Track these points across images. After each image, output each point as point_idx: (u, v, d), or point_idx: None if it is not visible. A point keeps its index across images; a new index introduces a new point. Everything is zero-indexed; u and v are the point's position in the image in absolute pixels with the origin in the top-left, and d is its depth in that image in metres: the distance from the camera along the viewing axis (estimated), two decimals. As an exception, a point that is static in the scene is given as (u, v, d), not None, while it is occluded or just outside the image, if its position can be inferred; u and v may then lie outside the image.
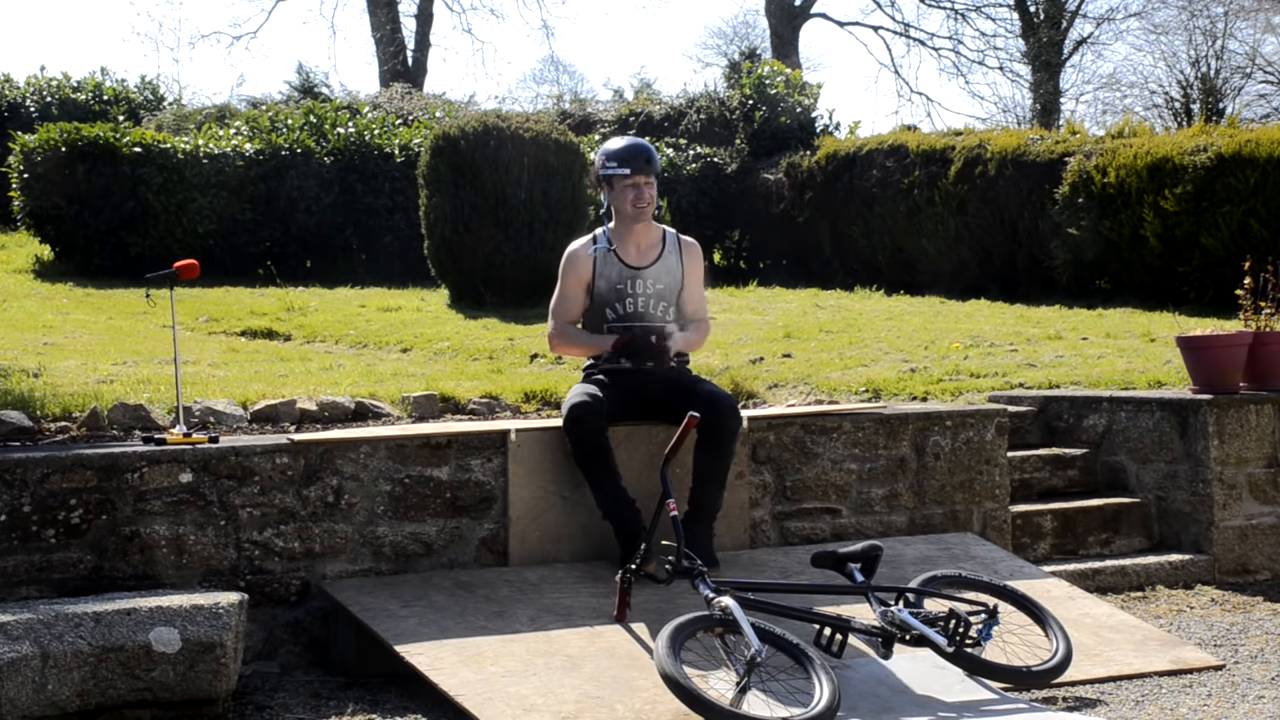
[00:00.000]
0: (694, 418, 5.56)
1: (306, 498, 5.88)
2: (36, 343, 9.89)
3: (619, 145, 6.21)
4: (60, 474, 5.55)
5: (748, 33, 39.60)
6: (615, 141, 6.26)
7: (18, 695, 4.72)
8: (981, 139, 15.86)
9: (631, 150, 6.17)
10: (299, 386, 7.76)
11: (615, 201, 6.21)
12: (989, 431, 7.09)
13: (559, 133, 13.57)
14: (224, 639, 5.00)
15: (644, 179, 6.13)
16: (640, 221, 6.21)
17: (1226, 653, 5.93)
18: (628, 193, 6.15)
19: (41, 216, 15.43)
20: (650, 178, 6.16)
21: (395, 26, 32.60)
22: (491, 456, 6.17)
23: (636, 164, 6.12)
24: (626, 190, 6.14)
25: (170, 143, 15.77)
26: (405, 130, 17.33)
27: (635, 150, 6.17)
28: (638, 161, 6.13)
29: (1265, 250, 11.81)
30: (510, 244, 12.87)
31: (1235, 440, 7.34)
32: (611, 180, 6.16)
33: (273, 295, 13.53)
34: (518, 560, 6.15)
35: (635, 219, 6.19)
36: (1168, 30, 33.36)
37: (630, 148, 6.18)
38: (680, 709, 4.95)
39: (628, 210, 6.17)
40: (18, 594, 5.44)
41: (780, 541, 6.62)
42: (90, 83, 22.07)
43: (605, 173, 6.16)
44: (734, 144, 19.05)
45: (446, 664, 5.16)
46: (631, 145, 6.20)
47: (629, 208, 6.16)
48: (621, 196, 6.17)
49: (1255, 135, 13.26)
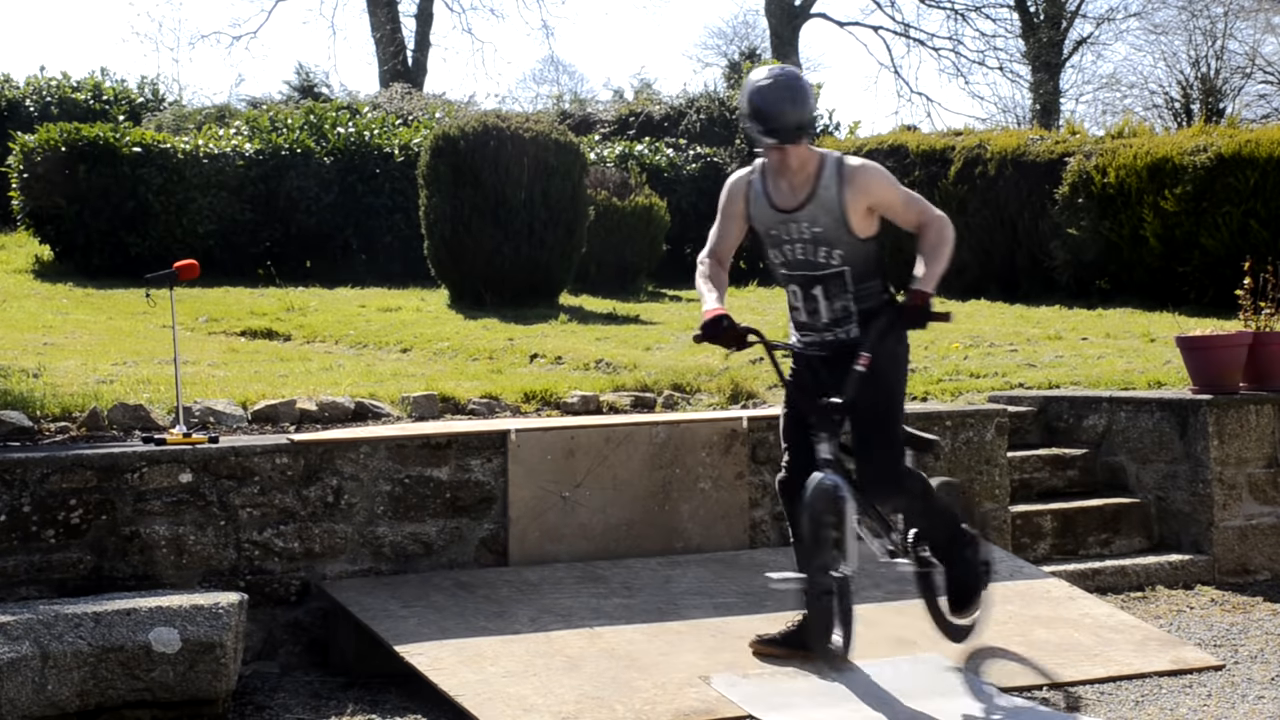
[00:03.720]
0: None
1: (306, 498, 5.87)
2: (36, 343, 9.88)
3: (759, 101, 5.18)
4: (60, 474, 5.55)
5: (748, 33, 39.59)
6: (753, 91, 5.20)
7: (18, 695, 4.72)
8: (981, 139, 15.86)
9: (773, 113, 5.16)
10: (299, 387, 7.76)
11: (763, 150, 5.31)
12: (989, 432, 7.09)
13: (559, 133, 13.56)
14: (224, 639, 5.00)
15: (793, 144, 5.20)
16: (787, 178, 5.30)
17: (1226, 653, 5.93)
18: (772, 154, 5.28)
19: (41, 216, 15.42)
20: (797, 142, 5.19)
21: (395, 26, 32.59)
22: (491, 456, 6.17)
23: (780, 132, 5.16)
24: (770, 151, 5.27)
25: (170, 143, 15.76)
26: (405, 130, 17.32)
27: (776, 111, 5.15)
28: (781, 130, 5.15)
29: (1265, 250, 11.81)
30: (510, 244, 12.85)
31: (1235, 440, 7.34)
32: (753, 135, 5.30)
33: (273, 295, 13.53)
34: (517, 560, 6.15)
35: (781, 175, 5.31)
36: (1168, 30, 33.39)
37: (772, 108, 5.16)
38: (679, 709, 4.96)
39: (773, 166, 5.32)
40: (17, 594, 5.44)
41: (780, 542, 6.62)
42: (90, 83, 22.05)
43: (749, 129, 5.30)
44: (734, 144, 19.04)
45: (446, 664, 5.16)
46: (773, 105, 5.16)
47: (775, 165, 5.30)
48: (768, 153, 5.30)
49: (1255, 135, 13.26)
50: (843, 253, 5.28)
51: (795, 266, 5.36)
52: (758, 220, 5.41)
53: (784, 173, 5.29)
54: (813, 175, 5.26)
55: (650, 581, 6.09)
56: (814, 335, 5.38)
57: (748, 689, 5.15)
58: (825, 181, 5.25)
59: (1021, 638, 5.80)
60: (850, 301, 5.31)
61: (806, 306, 5.37)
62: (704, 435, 6.55)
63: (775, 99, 5.16)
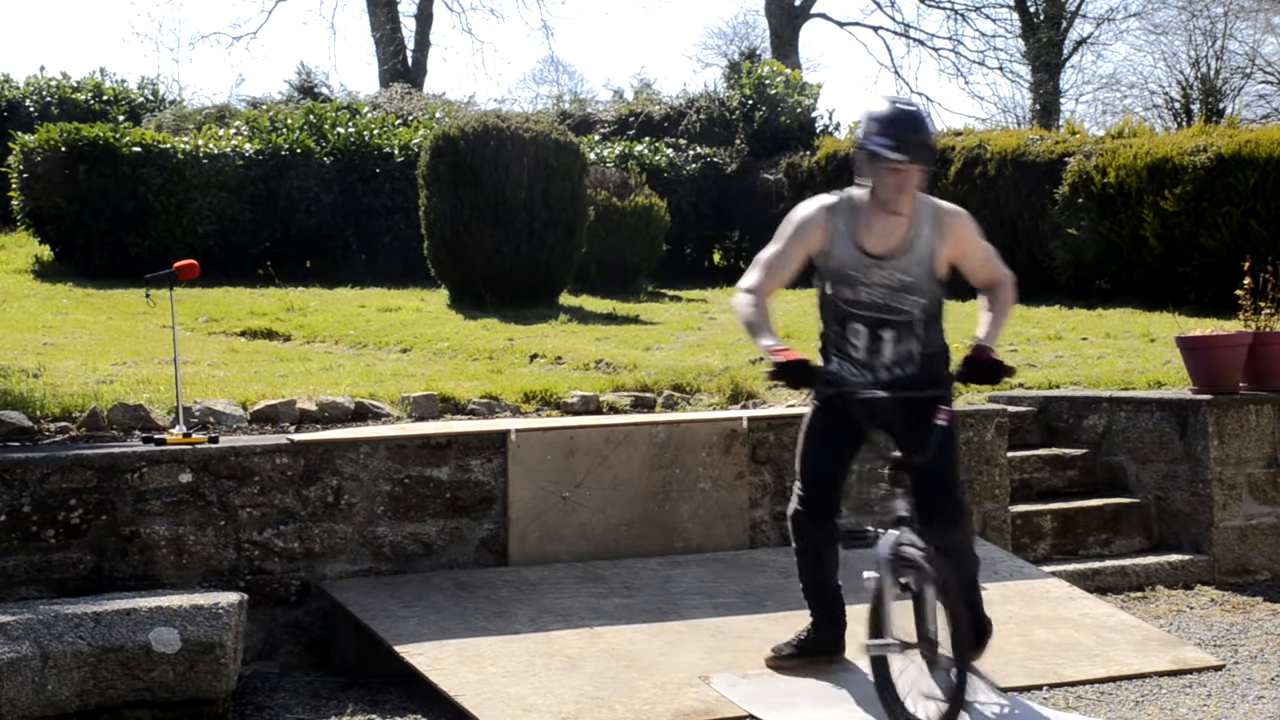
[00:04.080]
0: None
1: (306, 498, 5.87)
2: (36, 343, 9.88)
3: (893, 116, 4.89)
4: (60, 474, 5.55)
5: (748, 33, 39.57)
6: (888, 108, 4.92)
7: (18, 695, 4.71)
8: (981, 139, 15.86)
9: (911, 131, 4.87)
10: (299, 387, 7.76)
11: (871, 178, 4.97)
12: (989, 431, 7.09)
13: (559, 133, 13.56)
14: (224, 639, 5.00)
15: (918, 167, 4.90)
16: (894, 211, 4.98)
17: (1226, 653, 5.93)
18: (888, 177, 4.90)
19: (41, 216, 15.41)
20: (923, 166, 4.93)
21: (395, 26, 32.58)
22: (491, 456, 6.17)
23: (913, 148, 4.86)
24: (888, 174, 4.90)
25: (170, 143, 15.76)
26: (405, 130, 17.32)
27: (913, 128, 4.88)
28: (914, 146, 4.86)
29: (1265, 250, 11.81)
30: (510, 244, 12.85)
31: (1235, 440, 7.33)
32: (875, 156, 4.90)
33: (272, 295, 13.52)
34: (517, 560, 6.15)
35: (887, 206, 4.97)
36: (1168, 30, 33.38)
37: (908, 124, 4.87)
38: (679, 709, 4.96)
39: (884, 196, 4.95)
40: (18, 594, 5.44)
41: (780, 542, 6.62)
42: (90, 83, 22.05)
43: (871, 147, 4.89)
44: (734, 144, 19.05)
45: (446, 664, 5.16)
46: (909, 122, 4.88)
47: (887, 194, 4.94)
48: (881, 178, 4.92)
49: (1255, 135, 13.26)
50: (925, 301, 5.06)
51: (866, 308, 5.05)
52: (835, 259, 5.04)
53: (885, 206, 4.93)
54: (909, 218, 4.97)
55: (650, 581, 6.09)
56: (867, 373, 5.09)
57: (748, 689, 5.15)
58: (920, 228, 5.00)
59: (1021, 638, 5.80)
60: (915, 345, 5.09)
61: (869, 346, 5.08)
62: (704, 435, 6.55)
63: (913, 115, 4.89)
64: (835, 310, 5.13)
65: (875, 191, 4.96)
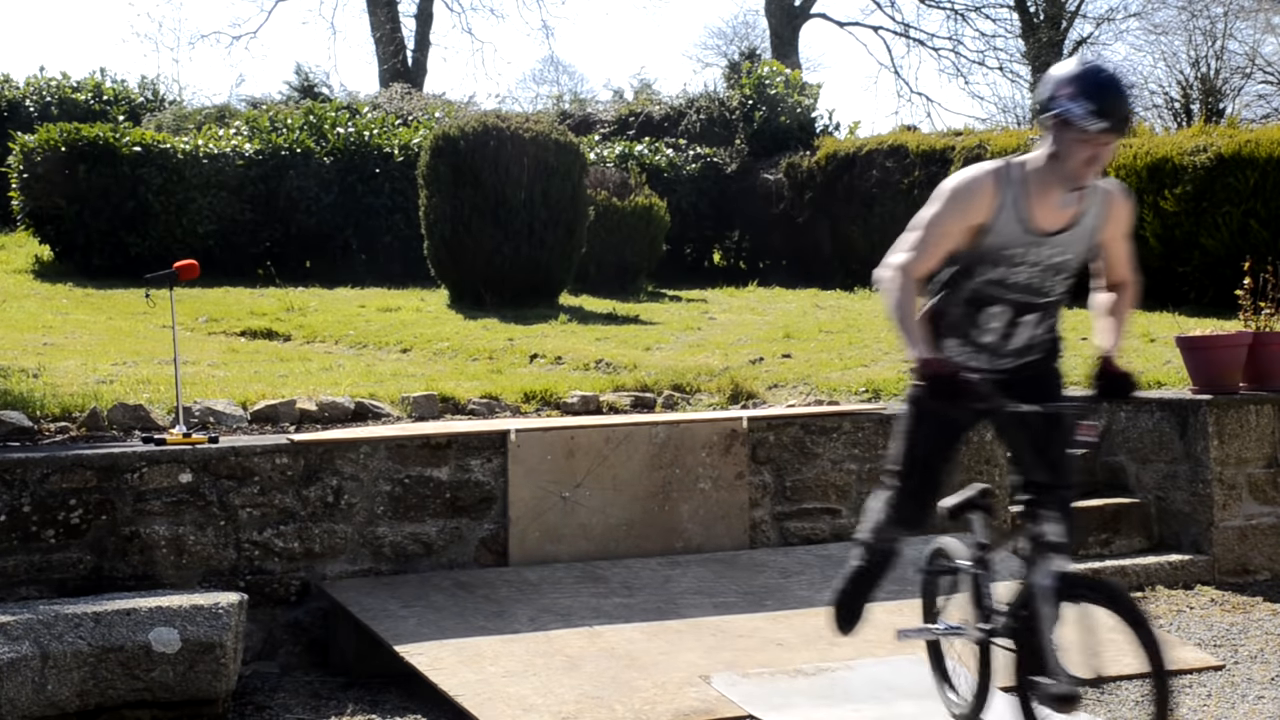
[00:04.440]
0: None
1: (306, 498, 5.87)
2: (36, 343, 9.88)
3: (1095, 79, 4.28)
4: (60, 474, 5.55)
5: (748, 33, 39.58)
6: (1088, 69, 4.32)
7: (18, 695, 4.71)
8: (981, 139, 15.86)
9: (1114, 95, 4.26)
10: (299, 387, 7.76)
11: (1059, 147, 4.32)
12: (989, 432, 7.08)
13: (559, 133, 13.56)
14: (224, 639, 5.00)
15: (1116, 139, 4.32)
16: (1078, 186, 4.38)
17: (1226, 653, 5.93)
18: (1081, 149, 4.26)
19: (41, 216, 15.42)
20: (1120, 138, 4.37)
21: (395, 26, 32.59)
22: (491, 456, 6.17)
23: (1115, 119, 4.25)
24: (1080, 146, 4.26)
25: (170, 143, 15.76)
26: (405, 130, 17.32)
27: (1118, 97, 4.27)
28: (1118, 116, 4.25)
29: (1265, 250, 11.81)
30: (510, 244, 12.86)
31: (1235, 440, 7.34)
32: (1067, 123, 4.26)
33: (272, 295, 13.53)
34: (517, 560, 6.15)
35: (1075, 181, 4.35)
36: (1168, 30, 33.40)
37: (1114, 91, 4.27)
38: (679, 709, 4.96)
39: (1071, 169, 4.31)
40: (18, 594, 5.44)
41: (780, 542, 6.62)
42: (90, 83, 22.06)
43: (1064, 111, 4.25)
44: (734, 144, 19.05)
45: (446, 664, 5.16)
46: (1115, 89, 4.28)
47: (1076, 167, 4.30)
48: (1070, 148, 4.28)
49: (1255, 135, 13.26)
50: (1071, 282, 4.57)
51: (1011, 290, 4.51)
52: (995, 235, 4.43)
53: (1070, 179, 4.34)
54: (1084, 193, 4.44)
55: (650, 581, 6.09)
56: (986, 358, 4.59)
57: (748, 688, 5.15)
58: (1090, 204, 4.47)
59: (1021, 638, 5.79)
60: (1044, 331, 4.67)
61: (1003, 331, 4.57)
62: (704, 435, 6.55)
63: (1117, 80, 4.29)
64: (969, 291, 4.53)
65: (1058, 161, 4.33)
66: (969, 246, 4.47)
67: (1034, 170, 4.41)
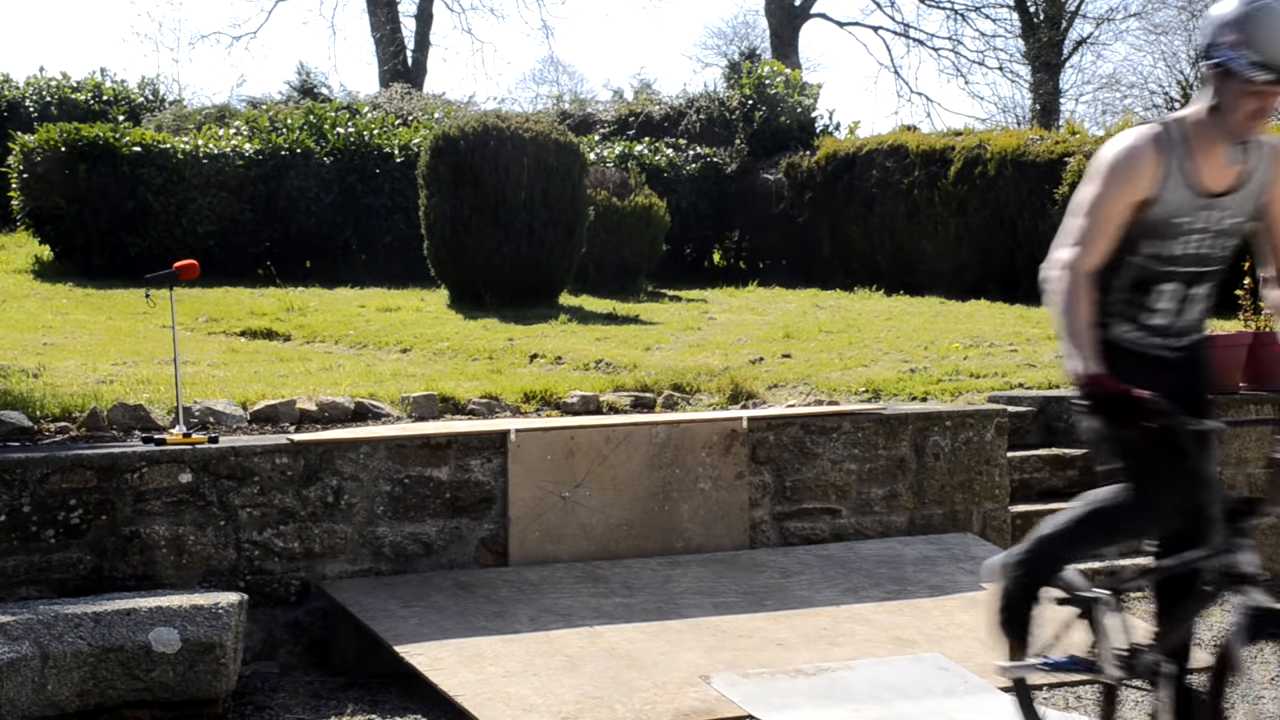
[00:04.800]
0: None
1: (306, 498, 5.87)
2: (36, 343, 9.88)
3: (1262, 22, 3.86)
4: (60, 474, 5.55)
5: (748, 33, 39.58)
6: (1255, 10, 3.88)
7: (17, 695, 4.71)
8: (981, 139, 15.87)
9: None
10: (299, 387, 7.76)
11: (1221, 99, 3.96)
12: (989, 432, 7.09)
13: (559, 133, 13.56)
14: (224, 639, 5.00)
15: None
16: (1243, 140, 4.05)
17: (1226, 653, 5.92)
18: (1247, 100, 3.91)
19: (41, 216, 15.42)
20: None
21: (395, 26, 32.59)
22: (491, 456, 6.17)
23: None
24: (1246, 98, 3.91)
25: (170, 143, 15.76)
26: (405, 130, 17.32)
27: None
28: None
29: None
30: (510, 244, 12.86)
31: (1235, 440, 7.33)
32: (1231, 74, 3.90)
33: (272, 295, 13.53)
34: (517, 560, 6.15)
35: (1240, 135, 4.00)
36: (1167, 30, 33.41)
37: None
38: (679, 709, 4.96)
39: (1236, 122, 3.96)
40: (18, 594, 5.44)
41: (780, 542, 6.62)
42: (90, 83, 22.06)
43: (1227, 60, 3.89)
44: (734, 144, 19.05)
45: (446, 664, 5.16)
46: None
47: (1241, 120, 3.95)
48: (1234, 101, 3.93)
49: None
50: (1236, 246, 4.23)
51: (1184, 262, 4.13)
52: (1162, 205, 4.05)
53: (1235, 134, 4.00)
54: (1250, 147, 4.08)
55: (650, 581, 6.09)
56: (1158, 340, 4.19)
57: (748, 688, 5.15)
58: (1257, 160, 4.10)
59: (1021, 638, 5.79)
60: (1211, 303, 4.31)
61: (1176, 307, 4.18)
62: (704, 435, 6.55)
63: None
64: (1136, 271, 4.14)
65: (1221, 114, 3.98)
66: (1132, 221, 4.08)
67: (1195, 125, 4.05)
